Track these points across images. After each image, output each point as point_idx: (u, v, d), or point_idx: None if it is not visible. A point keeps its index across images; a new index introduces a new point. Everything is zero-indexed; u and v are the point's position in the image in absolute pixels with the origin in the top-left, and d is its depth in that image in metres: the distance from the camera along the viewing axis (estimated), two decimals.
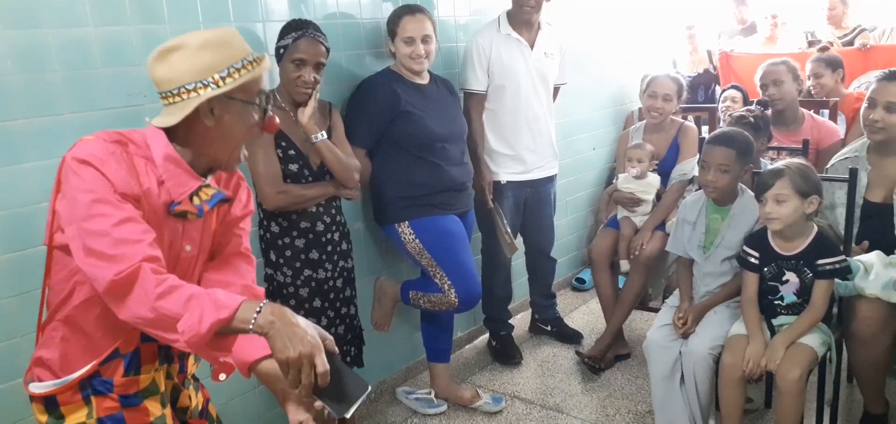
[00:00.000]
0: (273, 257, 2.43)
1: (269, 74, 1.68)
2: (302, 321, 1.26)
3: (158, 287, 1.23)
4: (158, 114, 1.39)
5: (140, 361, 1.43)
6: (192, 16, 2.31)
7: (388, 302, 2.97)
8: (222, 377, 1.48)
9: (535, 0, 3.06)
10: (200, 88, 1.33)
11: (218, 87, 1.34)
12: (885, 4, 5.04)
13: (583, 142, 4.34)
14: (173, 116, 1.34)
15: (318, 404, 1.36)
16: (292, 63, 2.28)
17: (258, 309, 1.23)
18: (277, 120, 1.49)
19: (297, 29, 2.29)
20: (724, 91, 3.96)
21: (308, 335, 1.23)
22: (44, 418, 1.40)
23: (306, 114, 2.32)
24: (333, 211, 2.51)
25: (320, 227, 2.45)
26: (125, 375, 1.41)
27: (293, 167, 2.36)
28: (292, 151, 2.36)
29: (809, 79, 3.67)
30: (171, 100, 1.35)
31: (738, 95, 3.80)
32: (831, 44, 4.16)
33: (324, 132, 2.36)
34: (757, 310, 2.31)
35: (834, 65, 3.64)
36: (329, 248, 2.48)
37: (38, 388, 1.39)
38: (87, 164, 1.27)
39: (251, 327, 1.23)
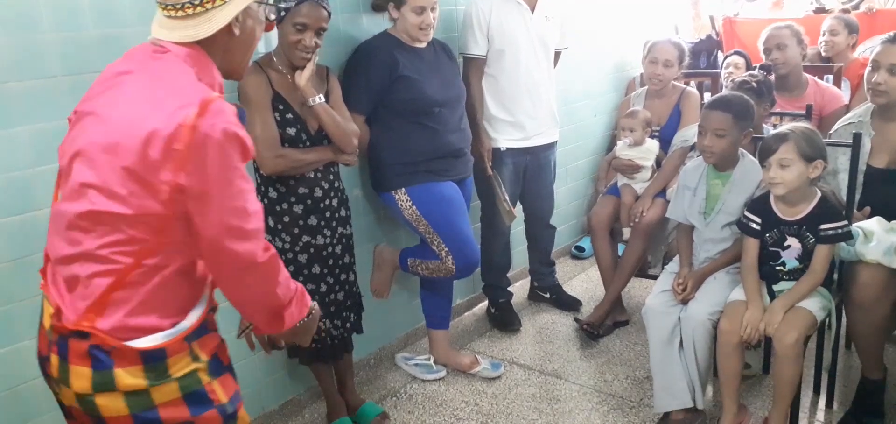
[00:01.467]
0: (271, 223, 2.41)
1: None
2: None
3: (283, 273, 1.36)
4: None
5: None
6: None
7: (387, 269, 2.97)
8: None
9: None
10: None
11: None
12: None
13: (583, 109, 4.31)
14: (201, 28, 1.28)
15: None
16: (294, 27, 2.23)
17: (310, 312, 1.49)
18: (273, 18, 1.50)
19: None
20: (726, 57, 3.91)
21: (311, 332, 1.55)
22: (137, 380, 1.25)
23: (304, 77, 2.28)
24: (332, 177, 2.48)
25: (318, 193, 2.43)
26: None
27: (291, 131, 2.33)
28: (290, 115, 2.33)
29: (824, 35, 3.65)
30: (190, 11, 1.27)
31: (740, 60, 3.76)
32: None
33: (321, 96, 2.33)
34: (756, 275, 2.30)
35: (851, 27, 3.64)
36: (328, 214, 2.47)
37: (148, 342, 1.26)
38: (238, 139, 1.23)
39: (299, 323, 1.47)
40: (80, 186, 1.23)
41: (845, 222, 2.22)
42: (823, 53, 3.68)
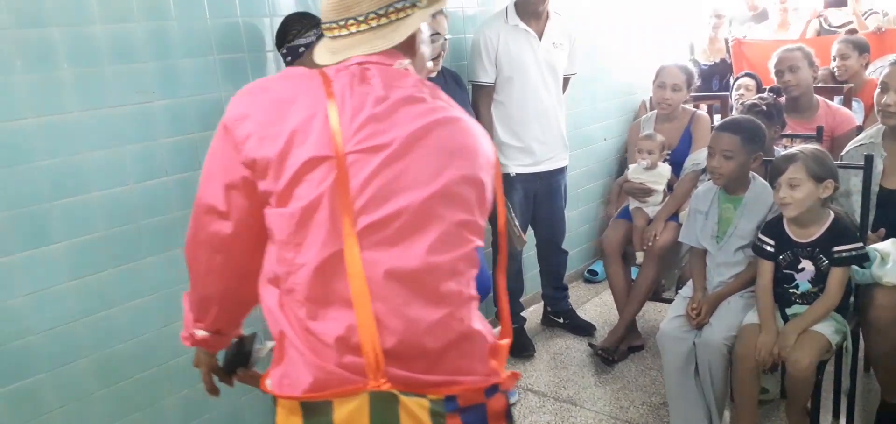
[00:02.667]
0: None
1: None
2: None
3: None
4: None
5: None
6: (198, 10, 2.31)
7: None
8: None
9: None
10: (409, 6, 1.21)
11: (424, 4, 1.22)
12: None
13: (593, 132, 4.31)
14: (387, 39, 1.20)
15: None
16: (313, 64, 2.24)
17: None
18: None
19: (316, 26, 2.20)
20: (737, 79, 3.91)
21: None
22: None
23: None
24: None
25: None
26: None
27: None
28: None
29: (834, 60, 3.64)
30: (374, 22, 1.20)
31: (751, 82, 3.76)
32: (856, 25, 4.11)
33: None
34: (771, 299, 2.29)
35: (861, 48, 3.62)
36: None
37: None
38: None
39: None
40: (456, 226, 1.16)
41: (860, 244, 2.21)
42: (838, 77, 3.67)
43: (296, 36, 2.24)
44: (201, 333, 1.38)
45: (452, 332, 1.15)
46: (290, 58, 2.26)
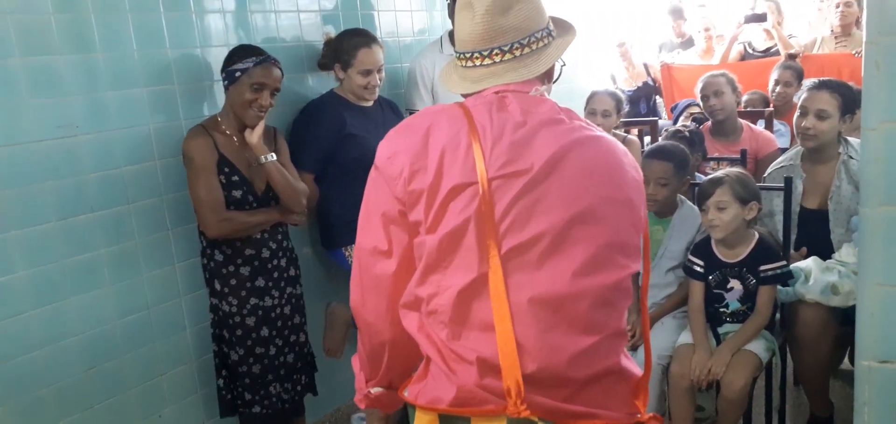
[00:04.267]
0: (217, 286, 2.36)
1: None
2: None
3: None
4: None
5: None
6: (126, 42, 2.25)
7: (340, 328, 2.92)
8: None
9: None
10: (546, 35, 1.27)
11: (556, 34, 1.30)
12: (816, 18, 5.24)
13: None
14: (530, 69, 1.24)
15: None
16: (250, 87, 2.24)
17: None
18: None
19: (254, 54, 2.27)
20: (685, 107, 4.02)
21: None
22: None
23: (256, 134, 2.28)
24: (280, 237, 2.46)
25: (266, 253, 2.40)
26: None
27: (237, 194, 2.31)
28: (236, 178, 2.30)
29: (777, 85, 3.79)
30: (518, 52, 1.24)
31: (697, 110, 3.89)
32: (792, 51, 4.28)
33: (273, 154, 2.33)
34: (703, 318, 2.35)
35: (800, 76, 3.78)
36: (276, 274, 2.43)
37: None
38: None
39: None
40: (604, 248, 1.15)
41: (784, 263, 2.30)
42: (775, 102, 3.82)
43: (235, 62, 2.26)
44: (376, 390, 1.37)
45: (598, 364, 1.15)
46: (227, 82, 2.28)
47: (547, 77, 1.30)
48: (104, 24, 2.18)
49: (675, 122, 3.92)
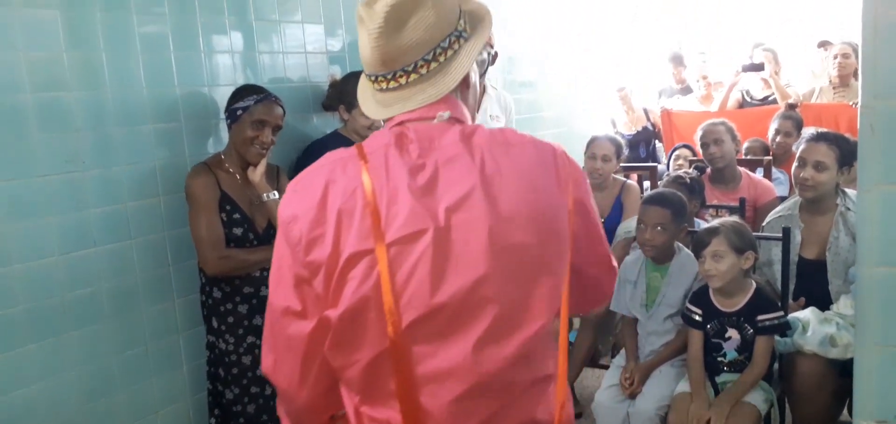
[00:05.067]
0: (215, 323, 2.37)
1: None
2: None
3: None
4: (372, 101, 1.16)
5: None
6: (135, 79, 2.28)
7: None
8: None
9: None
10: (455, 39, 1.11)
11: (469, 33, 1.13)
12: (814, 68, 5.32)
13: None
14: (439, 86, 1.10)
15: None
16: (252, 125, 2.28)
17: None
18: None
19: (256, 92, 2.31)
20: (674, 150, 4.08)
21: None
22: None
23: (258, 172, 2.31)
24: None
25: (265, 291, 2.40)
26: None
27: (238, 231, 2.32)
28: (237, 215, 2.32)
29: (777, 135, 3.83)
30: (424, 69, 1.10)
31: (687, 153, 3.93)
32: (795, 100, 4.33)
33: (275, 192, 2.35)
34: (701, 367, 2.35)
35: (800, 126, 3.83)
36: None
37: None
38: None
39: None
40: (514, 306, 1.10)
41: (781, 313, 2.30)
42: (775, 151, 3.87)
43: (237, 101, 2.30)
44: None
45: (514, 419, 1.10)
46: (229, 121, 2.31)
47: (464, 86, 1.15)
48: (115, 62, 2.22)
49: (668, 166, 3.97)
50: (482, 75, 1.25)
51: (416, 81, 1.10)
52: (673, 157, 4.02)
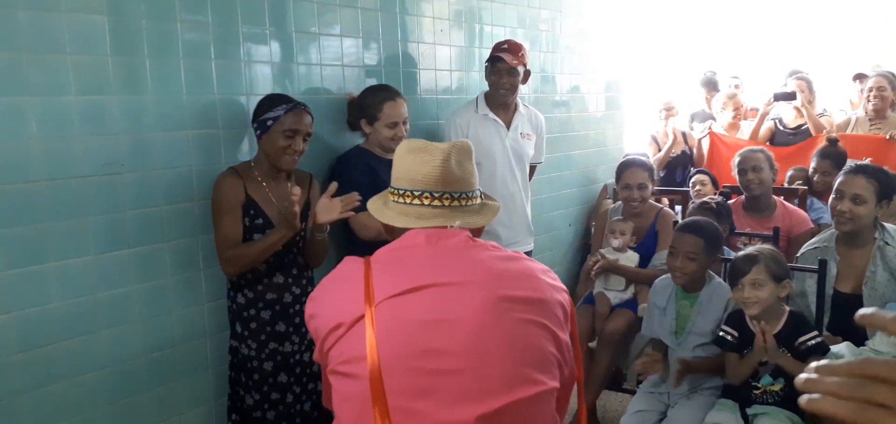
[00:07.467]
0: (238, 328, 2.38)
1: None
2: None
3: None
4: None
5: None
6: (175, 87, 2.32)
7: None
8: None
9: (510, 84, 3.13)
10: (481, 196, 1.51)
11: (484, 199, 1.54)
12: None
13: (557, 219, 4.37)
14: (483, 216, 1.46)
15: None
16: (283, 134, 2.29)
17: None
18: None
19: (284, 101, 2.32)
20: (693, 175, 4.04)
21: None
22: None
23: (322, 209, 2.26)
24: (304, 282, 2.47)
25: (288, 298, 2.41)
26: None
27: (259, 237, 2.33)
28: (260, 220, 2.33)
29: (816, 174, 3.79)
30: (481, 199, 1.48)
31: (706, 178, 3.89)
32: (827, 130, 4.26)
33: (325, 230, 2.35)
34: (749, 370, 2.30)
35: (841, 163, 3.75)
36: (297, 320, 2.44)
37: None
38: None
39: None
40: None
41: (816, 333, 2.26)
42: (815, 187, 3.82)
43: (266, 111, 2.30)
44: None
45: None
46: (259, 131, 2.32)
47: (479, 232, 1.47)
48: (157, 68, 2.26)
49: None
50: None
51: (457, 207, 1.41)
52: (691, 183, 3.99)
